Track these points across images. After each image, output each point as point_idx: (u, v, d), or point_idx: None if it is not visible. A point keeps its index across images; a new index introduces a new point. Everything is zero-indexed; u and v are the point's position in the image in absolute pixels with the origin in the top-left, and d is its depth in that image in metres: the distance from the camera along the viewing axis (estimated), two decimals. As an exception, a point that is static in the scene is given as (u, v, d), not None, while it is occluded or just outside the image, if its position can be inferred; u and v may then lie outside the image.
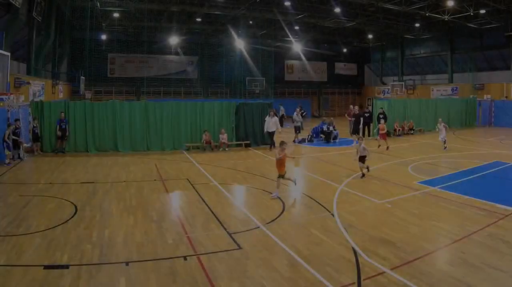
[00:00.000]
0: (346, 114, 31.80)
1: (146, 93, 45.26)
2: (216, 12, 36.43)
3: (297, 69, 53.78)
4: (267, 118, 23.20)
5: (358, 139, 22.30)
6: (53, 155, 20.69)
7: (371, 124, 28.54)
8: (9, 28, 21.83)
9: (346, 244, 8.86)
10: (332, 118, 28.92)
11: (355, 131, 27.76)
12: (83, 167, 17.52)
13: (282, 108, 40.17)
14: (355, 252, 8.34)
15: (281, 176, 12.78)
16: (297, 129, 26.85)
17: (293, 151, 11.30)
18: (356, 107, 31.30)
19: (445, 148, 21.94)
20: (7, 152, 17.69)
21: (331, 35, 47.89)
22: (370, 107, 30.41)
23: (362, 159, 15.26)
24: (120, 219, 10.63)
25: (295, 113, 27.86)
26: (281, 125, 37.57)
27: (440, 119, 22.72)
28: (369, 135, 27.80)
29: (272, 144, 23.37)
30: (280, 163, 12.77)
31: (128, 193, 13.33)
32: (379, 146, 22.69)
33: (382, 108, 28.39)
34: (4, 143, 17.54)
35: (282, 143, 12.98)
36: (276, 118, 23.28)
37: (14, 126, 18.26)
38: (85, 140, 21.77)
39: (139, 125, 22.43)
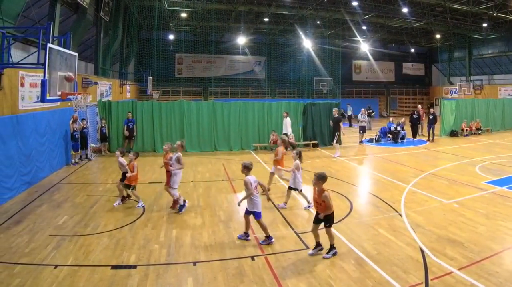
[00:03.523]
0: None
1: (213, 93, 45.84)
2: (283, 12, 36.43)
3: (364, 69, 52.86)
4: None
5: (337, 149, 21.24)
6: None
7: (419, 125, 27.58)
8: (77, 28, 22.33)
9: (414, 244, 8.87)
10: (403, 119, 27.97)
11: (332, 139, 22.33)
12: (151, 167, 17.53)
13: (350, 108, 39.60)
14: (422, 252, 8.37)
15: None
16: (362, 129, 26.37)
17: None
18: (419, 106, 29.88)
19: None
20: (72, 152, 18.12)
21: (398, 35, 47.33)
22: (419, 108, 28.94)
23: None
24: (188, 219, 10.65)
25: (360, 113, 27.59)
26: (349, 125, 37.23)
27: None
28: (414, 135, 26.89)
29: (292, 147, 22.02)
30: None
31: (195, 193, 13.39)
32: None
33: (432, 109, 28.51)
34: (72, 142, 17.95)
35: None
36: (288, 119, 22.24)
37: (81, 125, 18.61)
38: (153, 140, 21.97)
39: (206, 125, 22.42)
